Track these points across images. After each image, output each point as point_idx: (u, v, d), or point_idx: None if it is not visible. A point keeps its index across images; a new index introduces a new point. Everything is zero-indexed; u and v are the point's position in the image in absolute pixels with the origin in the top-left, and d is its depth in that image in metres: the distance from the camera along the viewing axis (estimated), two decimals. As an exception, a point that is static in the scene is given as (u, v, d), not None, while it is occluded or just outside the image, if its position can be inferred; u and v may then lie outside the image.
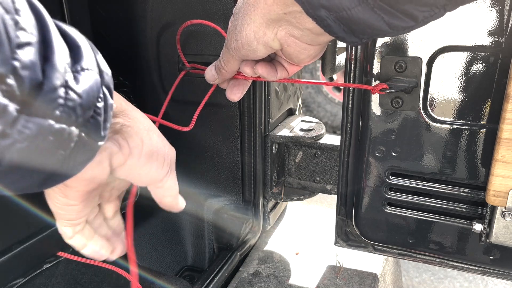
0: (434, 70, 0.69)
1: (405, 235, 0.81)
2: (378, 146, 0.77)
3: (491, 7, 0.63)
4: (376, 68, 0.72)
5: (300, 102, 1.16)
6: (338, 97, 3.58)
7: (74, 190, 0.43)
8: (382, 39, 0.70)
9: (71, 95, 0.33)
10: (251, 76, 0.65)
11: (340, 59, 0.87)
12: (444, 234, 0.78)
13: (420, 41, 0.68)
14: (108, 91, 0.38)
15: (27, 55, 0.29)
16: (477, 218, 0.74)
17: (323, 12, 0.45)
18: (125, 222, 0.61)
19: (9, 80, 0.28)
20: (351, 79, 0.76)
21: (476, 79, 0.67)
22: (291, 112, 1.11)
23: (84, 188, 0.43)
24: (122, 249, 0.60)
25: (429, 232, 0.79)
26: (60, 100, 0.32)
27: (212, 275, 0.92)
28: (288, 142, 1.01)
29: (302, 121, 1.06)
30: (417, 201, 0.79)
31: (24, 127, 0.30)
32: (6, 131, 0.29)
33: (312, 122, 1.04)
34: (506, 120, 0.61)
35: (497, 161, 0.64)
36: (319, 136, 0.98)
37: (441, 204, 0.77)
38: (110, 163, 0.43)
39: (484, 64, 0.66)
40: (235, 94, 0.71)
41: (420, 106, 0.71)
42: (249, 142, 0.95)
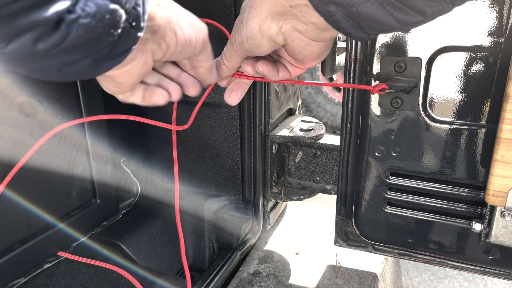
0: (434, 70, 0.69)
1: (404, 235, 0.82)
2: (378, 146, 0.77)
3: (491, 7, 0.63)
4: (376, 68, 0.72)
5: (300, 102, 1.16)
6: (338, 97, 3.58)
7: (125, 83, 0.52)
8: (382, 39, 0.70)
9: None
10: (252, 76, 0.65)
11: (340, 59, 0.87)
12: (443, 234, 0.78)
13: (419, 41, 0.68)
14: None
15: None
16: (476, 218, 0.74)
17: (332, 7, 0.45)
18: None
19: None
20: (351, 79, 0.76)
21: (475, 79, 0.67)
22: (291, 112, 1.11)
23: (133, 81, 0.52)
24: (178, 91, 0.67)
25: (428, 232, 0.79)
26: None
27: (212, 275, 0.92)
28: (288, 142, 1.01)
29: (302, 121, 1.06)
30: (416, 201, 0.79)
31: (85, 5, 0.35)
32: (71, 8, 0.34)
33: (312, 122, 1.04)
34: (505, 120, 0.61)
35: (496, 161, 0.64)
36: (319, 136, 0.98)
37: (440, 204, 0.77)
38: (153, 60, 0.51)
39: (483, 64, 0.66)
40: (233, 99, 0.70)
41: (420, 106, 0.71)
42: (249, 142, 0.95)
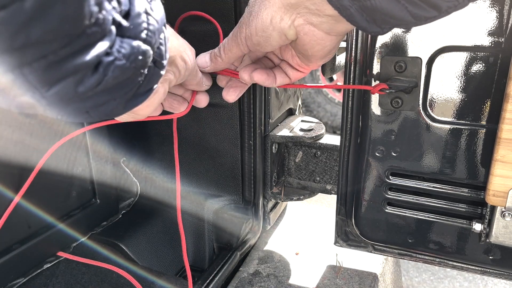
0: (434, 70, 0.69)
1: (405, 235, 0.81)
2: (378, 146, 0.77)
3: (491, 7, 0.63)
4: (376, 68, 0.72)
5: (300, 102, 1.16)
6: (338, 97, 3.58)
7: (144, 114, 0.57)
8: (382, 39, 0.70)
9: (151, 21, 0.40)
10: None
11: (340, 59, 0.87)
12: (444, 234, 0.78)
13: (420, 41, 0.68)
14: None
15: None
16: (476, 218, 0.74)
17: (346, 1, 0.45)
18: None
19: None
20: (351, 79, 0.76)
21: (476, 79, 0.67)
22: (291, 112, 1.11)
23: (151, 111, 0.57)
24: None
25: (428, 232, 0.79)
26: (144, 24, 0.39)
27: (212, 275, 0.92)
28: (288, 142, 1.01)
29: (302, 121, 1.06)
30: (417, 201, 0.79)
31: (120, 47, 0.37)
32: (108, 50, 0.36)
33: (312, 122, 1.04)
34: (505, 120, 0.61)
35: (496, 161, 0.64)
36: (319, 136, 0.98)
37: (441, 204, 0.77)
38: (168, 87, 0.57)
39: (484, 64, 0.66)
40: (231, 96, 0.70)
41: (420, 106, 0.71)
42: (249, 142, 0.95)
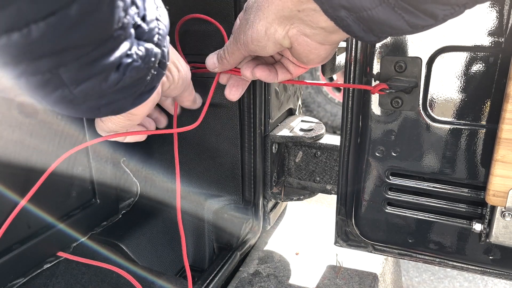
0: (434, 70, 0.69)
1: (405, 235, 0.81)
2: (378, 146, 0.77)
3: (491, 7, 0.63)
4: (376, 68, 0.72)
5: (300, 102, 1.16)
6: (338, 97, 3.58)
7: (140, 115, 0.58)
8: (384, 39, 0.70)
9: (161, 26, 0.44)
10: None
11: (340, 59, 0.87)
12: (444, 234, 0.78)
13: (420, 41, 0.68)
14: None
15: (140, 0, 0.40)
16: (477, 218, 0.74)
17: (343, 13, 0.45)
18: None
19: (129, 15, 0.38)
20: (351, 79, 0.76)
21: (476, 79, 0.67)
22: (291, 112, 1.11)
23: (147, 111, 0.58)
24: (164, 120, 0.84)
25: (429, 232, 0.79)
26: (156, 29, 0.43)
27: (212, 275, 0.92)
28: (288, 142, 1.01)
29: (302, 121, 1.06)
30: (417, 201, 0.79)
31: (138, 49, 0.40)
32: (128, 52, 0.39)
33: (312, 122, 1.04)
34: (506, 120, 0.61)
35: (496, 161, 0.64)
36: (319, 136, 0.98)
37: (441, 204, 0.77)
38: (161, 90, 0.60)
39: (484, 64, 0.66)
40: (234, 94, 0.71)
41: (420, 106, 0.71)
42: (249, 142, 0.95)
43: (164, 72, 0.47)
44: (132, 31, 0.39)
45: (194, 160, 1.04)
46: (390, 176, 0.79)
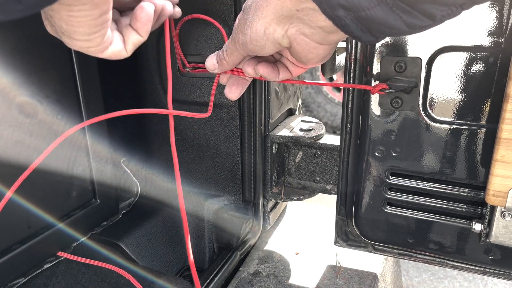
0: (434, 70, 0.69)
1: (404, 235, 0.81)
2: (378, 146, 0.77)
3: (491, 7, 0.63)
4: (376, 68, 0.72)
5: (300, 102, 1.16)
6: (338, 97, 3.58)
7: (85, 18, 0.44)
8: (382, 39, 0.70)
9: None
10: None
11: (340, 59, 0.87)
12: (443, 234, 0.78)
13: (419, 41, 0.68)
14: None
15: None
16: (476, 218, 0.74)
17: (341, 12, 0.45)
18: None
19: None
20: (351, 79, 0.76)
21: (476, 79, 0.67)
22: (291, 112, 1.11)
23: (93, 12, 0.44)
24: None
25: (428, 232, 0.79)
26: None
27: (212, 275, 0.92)
28: (288, 142, 1.01)
29: (302, 121, 1.06)
30: (417, 201, 0.79)
31: None
32: None
33: (312, 122, 1.04)
34: (505, 120, 0.61)
35: (496, 161, 0.64)
36: (319, 136, 0.98)
37: (440, 204, 0.77)
38: None
39: (484, 64, 0.66)
40: (234, 93, 0.71)
41: (420, 106, 0.71)
42: (249, 142, 0.95)
43: None
44: None
45: (194, 160, 1.04)
46: (390, 176, 0.79)
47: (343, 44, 0.83)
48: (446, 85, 0.69)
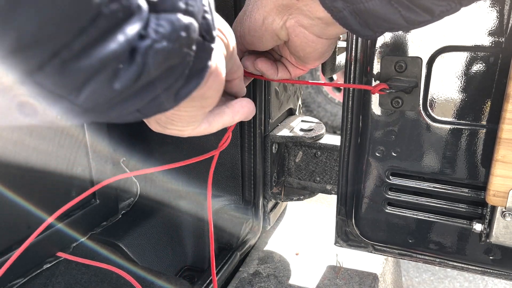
0: (434, 70, 0.69)
1: (405, 235, 0.81)
2: (378, 146, 0.77)
3: (491, 7, 0.63)
4: (376, 68, 0.72)
5: (300, 102, 1.16)
6: (338, 97, 3.58)
7: (214, 94, 0.41)
8: (382, 39, 0.70)
9: None
10: (250, 73, 0.64)
11: (340, 59, 0.87)
12: (444, 234, 0.78)
13: (420, 41, 0.68)
14: None
15: None
16: (477, 218, 0.74)
17: (339, 3, 0.45)
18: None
19: None
20: (351, 79, 0.76)
21: (476, 79, 0.67)
22: (291, 112, 1.11)
23: (221, 86, 0.41)
24: None
25: (429, 232, 0.79)
26: None
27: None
28: (288, 142, 1.01)
29: (302, 121, 1.06)
30: (417, 201, 0.79)
31: (157, 25, 0.28)
32: (142, 32, 0.28)
33: (312, 122, 1.04)
34: (506, 120, 0.61)
35: (497, 161, 0.64)
36: (319, 136, 0.98)
37: (441, 204, 0.77)
38: (224, 57, 0.41)
39: (484, 64, 0.66)
40: None
41: (420, 106, 0.71)
42: (249, 142, 0.95)
43: (212, 46, 0.35)
44: (142, 2, 0.27)
45: (194, 160, 1.04)
46: (390, 176, 0.79)
47: (343, 44, 0.83)
48: (446, 85, 0.69)
